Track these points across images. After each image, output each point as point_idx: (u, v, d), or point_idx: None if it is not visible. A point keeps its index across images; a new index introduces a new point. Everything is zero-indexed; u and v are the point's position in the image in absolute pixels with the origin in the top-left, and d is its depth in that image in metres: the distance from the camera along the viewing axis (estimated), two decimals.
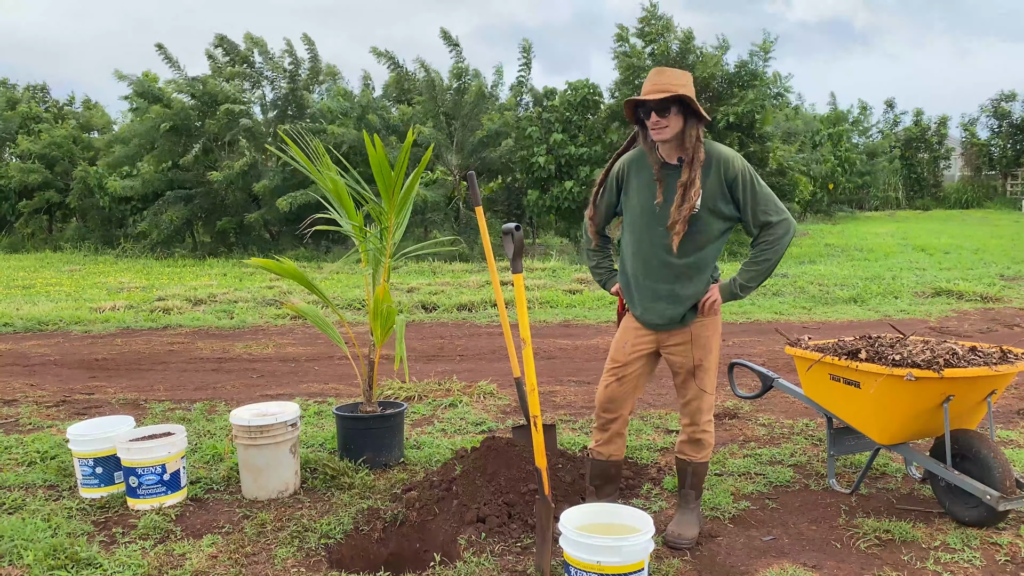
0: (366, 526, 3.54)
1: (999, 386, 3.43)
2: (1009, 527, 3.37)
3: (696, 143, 3.12)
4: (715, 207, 3.16)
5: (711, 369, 3.31)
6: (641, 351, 3.35)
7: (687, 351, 3.28)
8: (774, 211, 3.16)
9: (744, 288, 3.22)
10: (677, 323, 3.26)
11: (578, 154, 16.13)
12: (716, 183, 3.14)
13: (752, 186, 3.16)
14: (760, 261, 3.19)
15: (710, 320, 3.28)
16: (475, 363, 7.05)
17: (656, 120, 3.10)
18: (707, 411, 3.34)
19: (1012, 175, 32.31)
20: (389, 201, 4.25)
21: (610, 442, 3.45)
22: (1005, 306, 9.36)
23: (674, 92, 3.05)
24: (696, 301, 3.24)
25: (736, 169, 3.14)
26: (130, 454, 3.79)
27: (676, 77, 3.12)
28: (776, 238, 3.16)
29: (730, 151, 3.21)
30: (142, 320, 9.48)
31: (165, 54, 18.07)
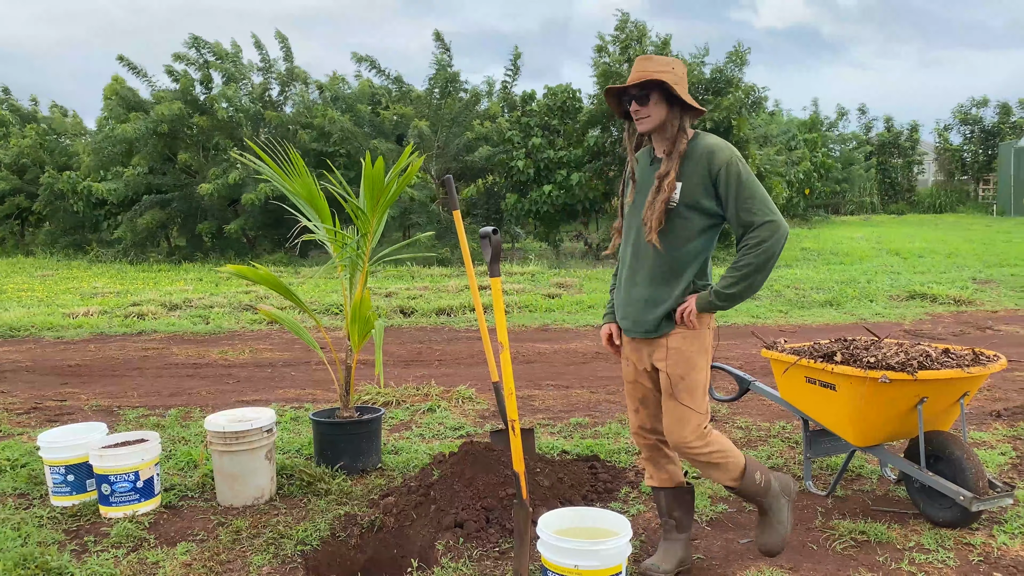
0: (343, 532, 3.51)
1: (972, 388, 3.47)
2: (982, 527, 3.41)
3: (678, 133, 2.90)
4: (696, 202, 2.86)
5: (697, 387, 2.93)
6: (644, 367, 3.06)
7: (670, 367, 2.93)
8: (759, 211, 2.80)
9: (721, 296, 2.84)
10: (653, 332, 2.96)
11: (557, 158, 16.17)
12: (699, 175, 2.86)
13: (737, 181, 2.82)
14: (740, 266, 2.81)
15: (692, 334, 2.92)
16: (454, 368, 7.03)
17: (636, 109, 2.90)
18: (695, 435, 2.92)
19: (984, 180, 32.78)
20: (373, 208, 4.23)
21: (665, 469, 3.14)
22: (977, 309, 9.48)
23: (652, 78, 2.84)
24: (671, 309, 2.92)
25: (721, 161, 2.83)
26: (102, 461, 3.74)
27: (661, 64, 2.88)
28: (759, 241, 2.78)
29: (721, 142, 2.91)
30: (116, 326, 9.36)
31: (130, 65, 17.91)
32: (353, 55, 18.10)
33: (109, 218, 19.11)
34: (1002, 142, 29.70)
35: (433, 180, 16.45)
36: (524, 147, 16.27)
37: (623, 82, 3.28)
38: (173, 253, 18.44)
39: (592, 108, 16.35)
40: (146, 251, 18.25)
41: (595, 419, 5.22)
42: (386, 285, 12.27)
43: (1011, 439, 4.59)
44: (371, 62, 18.28)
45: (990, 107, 33.43)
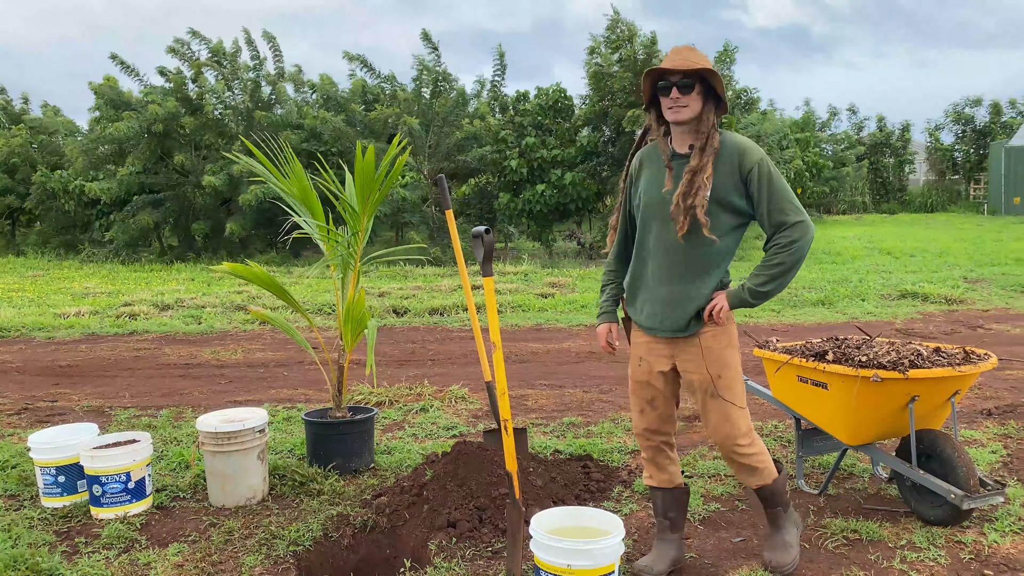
0: (335, 533, 3.51)
1: (963, 386, 3.48)
2: (973, 525, 3.42)
3: (712, 129, 2.88)
4: (726, 200, 2.87)
5: (734, 383, 2.96)
6: (660, 367, 3.03)
7: (700, 368, 2.94)
8: (791, 211, 2.85)
9: (755, 294, 2.86)
10: (682, 331, 2.95)
11: (550, 157, 16.18)
12: (729, 174, 2.86)
13: (769, 181, 2.85)
14: (772, 265, 2.85)
15: (721, 331, 2.94)
16: (447, 367, 7.02)
17: (677, 97, 2.83)
18: (741, 433, 2.96)
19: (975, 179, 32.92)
20: (364, 206, 4.22)
21: (667, 470, 3.14)
22: (968, 308, 9.53)
23: (702, 66, 2.82)
24: (702, 307, 2.92)
25: (753, 161, 2.86)
26: (93, 462, 3.72)
27: (700, 56, 2.87)
28: (792, 240, 2.83)
29: (749, 142, 2.92)
30: (108, 326, 9.32)
31: (122, 63, 17.85)
32: (345, 54, 18.09)
33: (101, 218, 19.04)
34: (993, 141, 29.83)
35: (426, 180, 16.44)
36: (517, 147, 16.27)
37: (616, 81, 3.28)
38: (165, 253, 18.38)
39: (584, 108, 16.37)
40: (138, 251, 18.19)
41: (588, 418, 5.23)
42: (379, 285, 12.25)
43: (1002, 437, 4.61)
44: (362, 60, 18.26)
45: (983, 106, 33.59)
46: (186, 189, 17.66)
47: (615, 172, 15.83)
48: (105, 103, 17.70)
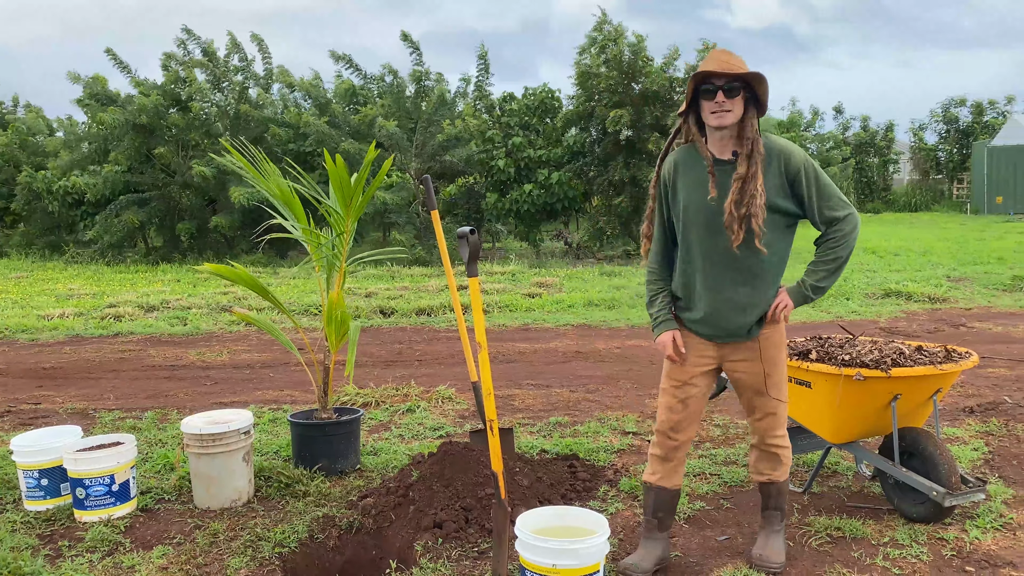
0: (321, 534, 3.50)
1: (945, 384, 3.52)
2: (955, 522, 3.46)
3: (756, 135, 2.87)
4: (774, 204, 2.89)
5: (781, 380, 3.06)
6: (705, 367, 3.06)
7: (753, 367, 3.02)
8: (840, 206, 2.92)
9: (816, 289, 2.96)
10: (744, 336, 2.99)
11: (537, 157, 16.19)
12: (776, 178, 2.89)
13: (816, 181, 2.90)
14: (830, 260, 2.94)
15: (776, 332, 3.02)
16: (434, 368, 7.02)
17: (722, 101, 2.82)
18: (781, 424, 3.09)
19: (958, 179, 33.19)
20: (346, 208, 4.21)
21: (675, 472, 3.14)
22: (951, 306, 9.61)
23: (749, 72, 2.81)
24: (765, 309, 2.97)
25: (798, 163, 2.89)
26: (77, 465, 3.70)
27: (740, 61, 2.86)
28: (845, 233, 2.91)
29: (790, 144, 2.94)
30: (92, 327, 9.26)
31: (115, 58, 17.74)
32: (331, 53, 18.03)
33: (85, 218, 18.91)
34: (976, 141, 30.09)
35: (413, 180, 16.42)
36: (504, 146, 16.28)
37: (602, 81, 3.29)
38: (150, 254, 18.27)
39: (571, 108, 16.40)
40: (123, 252, 18.07)
41: (575, 418, 5.24)
42: (366, 285, 12.23)
43: (983, 435, 4.65)
44: (348, 60, 18.19)
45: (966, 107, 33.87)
46: (172, 189, 17.56)
47: (601, 172, 15.86)
48: (92, 97, 17.57)
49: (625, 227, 16.05)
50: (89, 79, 17.62)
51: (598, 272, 13.33)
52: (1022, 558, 3.15)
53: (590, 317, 9.38)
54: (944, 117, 34.07)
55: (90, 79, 17.62)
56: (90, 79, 17.62)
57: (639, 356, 7.22)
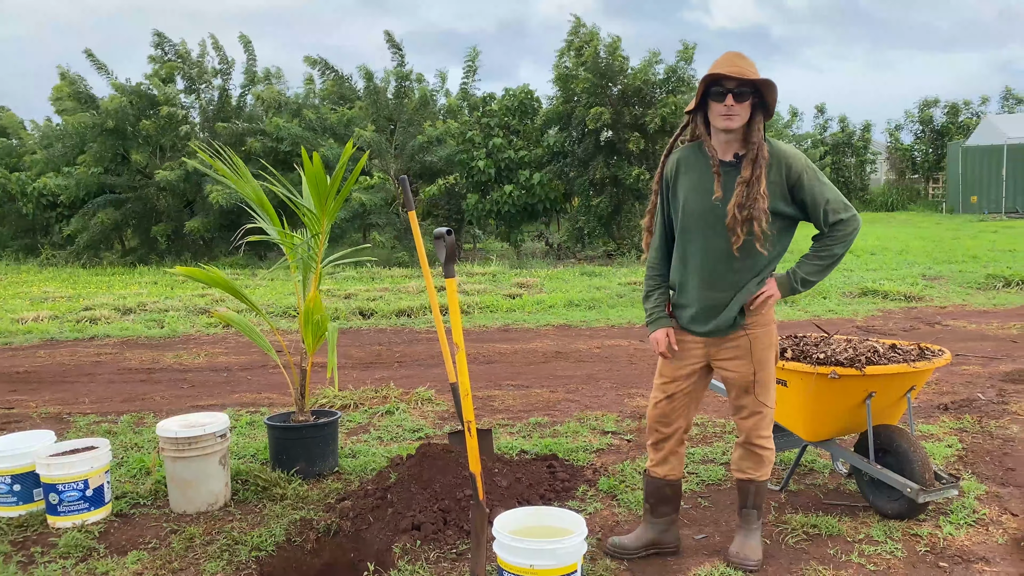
0: (299, 537, 3.48)
1: (918, 382, 3.55)
2: (929, 518, 3.49)
3: (761, 139, 2.92)
4: (776, 208, 2.93)
5: (769, 382, 3.09)
6: (693, 365, 3.12)
7: (741, 365, 3.06)
8: (842, 208, 2.97)
9: (805, 282, 3.00)
10: (728, 328, 3.03)
11: (517, 158, 16.20)
12: (778, 183, 2.94)
13: (818, 185, 2.95)
14: (825, 256, 2.99)
15: (764, 330, 3.05)
16: (413, 369, 7.00)
17: (732, 105, 2.86)
18: (767, 426, 3.11)
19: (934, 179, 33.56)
20: (321, 208, 4.19)
21: (665, 461, 3.21)
22: (927, 305, 9.71)
23: (759, 78, 2.85)
24: (745, 302, 3.01)
25: (800, 168, 2.94)
26: (50, 470, 3.65)
27: (751, 65, 2.91)
28: (844, 234, 2.97)
29: (792, 149, 2.99)
30: (67, 331, 9.15)
31: (94, 60, 17.55)
32: (306, 58, 17.93)
33: (61, 220, 18.69)
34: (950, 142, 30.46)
35: (392, 181, 16.37)
36: (485, 147, 16.27)
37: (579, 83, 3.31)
38: (127, 256, 18.08)
39: (550, 108, 16.43)
40: (99, 253, 17.87)
41: (554, 418, 5.24)
42: (345, 287, 12.17)
43: (957, 431, 4.70)
44: (324, 64, 18.09)
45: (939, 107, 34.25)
46: (148, 191, 17.38)
47: (581, 173, 15.89)
48: (70, 97, 17.37)
49: (606, 227, 16.09)
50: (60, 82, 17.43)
51: (579, 272, 13.35)
52: (995, 553, 3.19)
53: (570, 317, 9.39)
54: (919, 118, 34.45)
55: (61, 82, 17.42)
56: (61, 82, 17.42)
57: (619, 356, 7.24)
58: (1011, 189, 25.63)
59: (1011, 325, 8.15)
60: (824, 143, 33.80)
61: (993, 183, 25.94)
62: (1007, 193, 25.62)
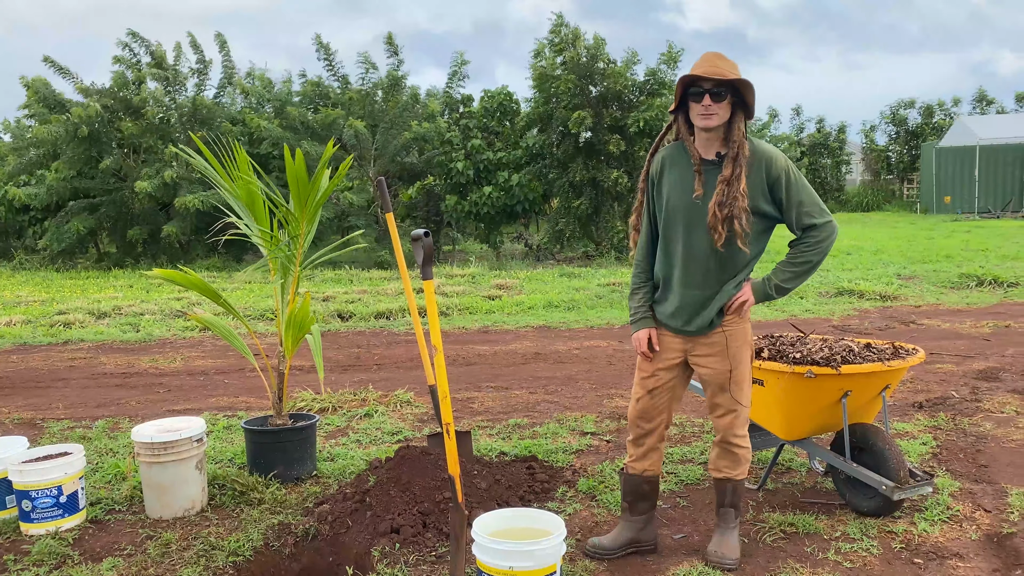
0: (277, 542, 3.46)
1: (893, 380, 3.59)
2: (904, 516, 3.53)
3: (743, 138, 2.95)
4: (756, 206, 2.98)
5: (744, 380, 3.12)
6: (671, 360, 3.16)
7: (717, 363, 3.09)
8: (818, 213, 3.00)
9: (779, 289, 3.04)
10: (706, 327, 3.08)
11: (496, 159, 16.20)
12: (758, 182, 2.98)
13: (797, 186, 2.99)
14: (799, 263, 3.03)
15: (739, 329, 3.09)
16: (392, 372, 6.98)
17: (709, 104, 2.91)
18: (742, 424, 3.14)
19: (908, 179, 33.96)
20: (302, 209, 4.16)
21: (645, 457, 3.24)
22: (902, 304, 9.82)
23: (735, 78, 2.89)
24: (724, 304, 3.07)
25: (780, 168, 2.98)
26: (23, 476, 3.60)
27: (732, 66, 2.95)
28: (819, 240, 3.00)
29: (773, 149, 3.02)
30: (40, 335, 9.03)
31: (54, 64, 17.29)
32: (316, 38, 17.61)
33: (34, 224, 18.44)
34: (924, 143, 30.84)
35: (371, 182, 16.31)
36: (463, 148, 16.26)
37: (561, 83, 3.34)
38: (102, 260, 17.87)
39: (529, 111, 16.43)
40: (74, 258, 17.64)
41: (534, 420, 5.24)
42: (323, 289, 12.11)
43: (932, 429, 4.76)
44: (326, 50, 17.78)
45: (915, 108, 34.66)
46: (123, 194, 17.19)
47: (561, 174, 15.92)
48: (38, 101, 17.13)
49: (584, 229, 16.13)
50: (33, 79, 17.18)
51: (558, 274, 13.37)
52: (968, 549, 3.24)
53: (550, 319, 9.40)
54: (893, 119, 34.86)
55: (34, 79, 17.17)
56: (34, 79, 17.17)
57: (598, 357, 7.25)
58: (983, 189, 26.00)
59: (984, 323, 8.26)
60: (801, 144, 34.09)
61: (966, 183, 26.29)
62: (979, 193, 25.98)
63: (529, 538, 2.69)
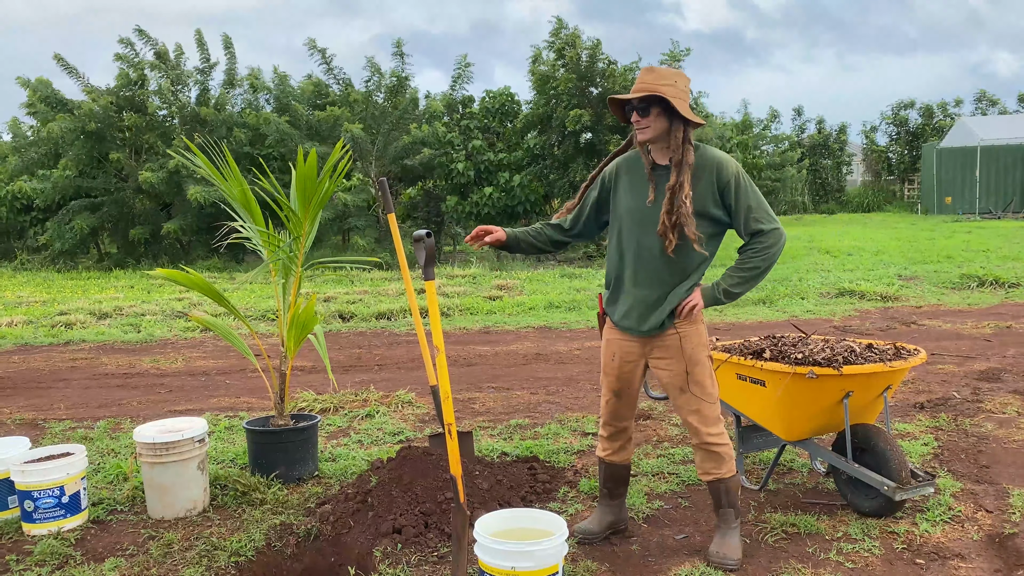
0: (279, 542, 3.46)
1: (894, 381, 3.59)
2: (906, 516, 3.53)
3: (684, 145, 3.00)
4: (705, 211, 3.04)
5: (704, 380, 3.13)
6: (631, 363, 3.23)
7: (673, 364, 3.14)
8: (766, 219, 3.05)
9: (728, 294, 3.07)
10: (657, 330, 3.12)
11: (497, 160, 16.21)
12: (708, 187, 3.04)
13: (747, 192, 3.05)
14: (748, 268, 3.06)
15: (693, 330, 3.13)
16: (394, 372, 6.98)
17: (637, 119, 3.02)
18: (712, 422, 3.14)
19: (909, 180, 33.96)
20: (305, 210, 4.17)
21: (623, 449, 3.38)
22: (903, 304, 9.82)
23: (654, 92, 2.95)
24: (675, 307, 3.10)
25: (730, 174, 3.04)
26: (25, 477, 3.61)
27: (664, 77, 3.00)
28: (766, 246, 3.04)
29: (724, 155, 3.09)
30: (42, 336, 9.04)
31: (64, 63, 17.34)
32: (309, 40, 17.66)
33: (36, 224, 18.46)
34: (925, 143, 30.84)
35: (372, 183, 16.32)
36: (464, 149, 16.27)
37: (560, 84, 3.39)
38: (103, 260, 17.88)
39: (529, 112, 16.44)
40: (76, 258, 17.65)
41: (535, 420, 5.25)
42: (324, 290, 12.12)
43: (933, 429, 4.76)
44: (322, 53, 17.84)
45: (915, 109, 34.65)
46: (125, 193, 17.22)
47: (561, 175, 15.93)
48: (40, 100, 17.16)
49: None
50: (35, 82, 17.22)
51: (559, 274, 13.38)
52: (970, 549, 3.24)
53: (551, 319, 9.41)
54: (894, 119, 34.86)
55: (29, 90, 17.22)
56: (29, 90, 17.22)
57: (599, 358, 7.23)
58: (984, 190, 25.99)
59: (985, 324, 8.26)
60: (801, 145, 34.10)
61: (967, 184, 26.29)
62: (980, 194, 25.98)
63: (531, 538, 2.69)
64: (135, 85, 17.02)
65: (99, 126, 16.41)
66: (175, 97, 17.29)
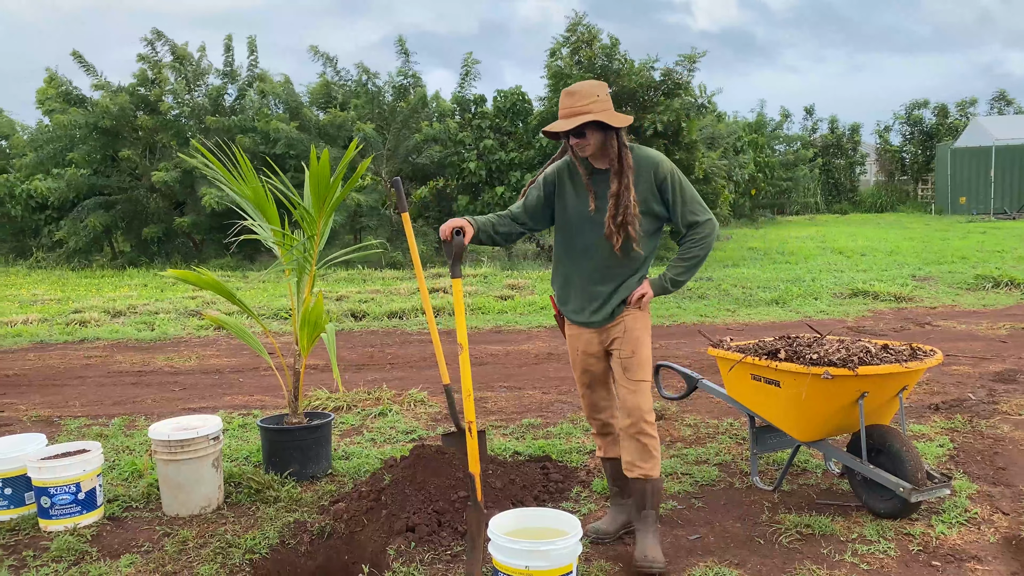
0: (292, 540, 3.47)
1: (910, 382, 3.57)
2: (921, 518, 3.51)
3: (621, 151, 3.17)
4: (647, 209, 3.24)
5: (644, 363, 3.26)
6: (593, 352, 3.36)
7: (623, 345, 3.26)
8: (700, 211, 3.26)
9: (674, 282, 3.28)
10: (608, 318, 3.28)
11: (508, 159, 16.19)
12: (647, 185, 3.22)
13: (680, 188, 3.24)
14: (688, 257, 3.27)
15: (640, 315, 3.29)
16: (406, 371, 6.99)
17: (576, 142, 3.17)
18: (647, 410, 3.21)
19: (923, 180, 33.75)
20: (319, 209, 4.18)
21: (616, 443, 3.42)
22: (917, 305, 9.76)
23: (584, 119, 3.09)
24: (624, 298, 3.27)
25: (665, 171, 3.23)
26: (41, 473, 3.64)
27: (585, 96, 3.12)
28: (703, 236, 3.24)
29: (657, 154, 3.28)
30: (57, 334, 9.10)
31: (81, 60, 17.49)
32: (311, 48, 17.78)
33: (50, 223, 18.58)
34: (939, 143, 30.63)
35: (384, 183, 16.34)
36: (476, 149, 16.27)
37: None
38: (117, 258, 17.98)
39: (543, 110, 16.41)
40: (90, 256, 17.77)
41: (547, 420, 5.25)
42: (337, 289, 12.15)
43: (948, 431, 4.73)
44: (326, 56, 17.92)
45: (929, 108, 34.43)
46: (138, 192, 17.32)
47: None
48: (58, 95, 17.31)
49: None
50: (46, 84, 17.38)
51: None
52: (986, 552, 3.22)
53: None
54: (908, 119, 34.64)
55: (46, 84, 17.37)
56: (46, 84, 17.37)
57: None
58: (999, 190, 25.81)
59: (1000, 325, 8.20)
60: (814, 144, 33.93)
61: (981, 184, 26.11)
62: (995, 194, 25.79)
63: (545, 538, 2.69)
64: (152, 84, 17.13)
65: (113, 123, 16.52)
66: (190, 95, 17.38)
